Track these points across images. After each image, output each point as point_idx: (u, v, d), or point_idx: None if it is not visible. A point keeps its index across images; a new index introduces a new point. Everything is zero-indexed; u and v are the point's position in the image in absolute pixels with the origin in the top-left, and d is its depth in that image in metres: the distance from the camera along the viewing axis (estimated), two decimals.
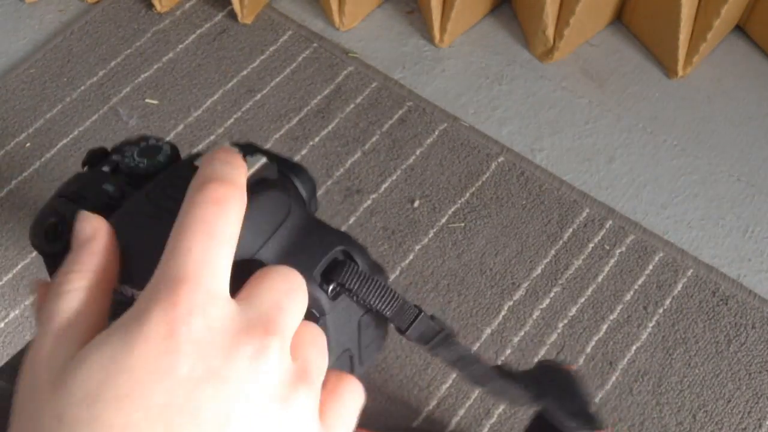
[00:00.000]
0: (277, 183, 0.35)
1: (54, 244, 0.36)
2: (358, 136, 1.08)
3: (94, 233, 0.30)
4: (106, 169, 0.39)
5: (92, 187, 0.38)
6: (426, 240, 0.99)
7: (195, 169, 0.32)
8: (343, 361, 0.38)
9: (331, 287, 0.35)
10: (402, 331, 0.40)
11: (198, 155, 0.35)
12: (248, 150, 0.35)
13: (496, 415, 0.88)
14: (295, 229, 0.35)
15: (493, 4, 1.19)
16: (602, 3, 1.12)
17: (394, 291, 0.37)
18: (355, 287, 0.35)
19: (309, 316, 0.33)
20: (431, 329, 0.42)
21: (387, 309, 0.37)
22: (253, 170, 0.34)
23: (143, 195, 0.34)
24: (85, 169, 0.41)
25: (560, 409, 0.51)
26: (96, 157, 0.41)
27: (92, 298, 0.29)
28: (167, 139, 1.08)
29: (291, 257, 0.34)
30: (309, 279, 0.33)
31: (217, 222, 0.28)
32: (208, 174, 0.30)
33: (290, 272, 0.30)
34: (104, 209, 0.35)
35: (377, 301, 0.36)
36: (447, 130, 1.08)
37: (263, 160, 0.35)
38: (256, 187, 0.33)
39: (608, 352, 0.92)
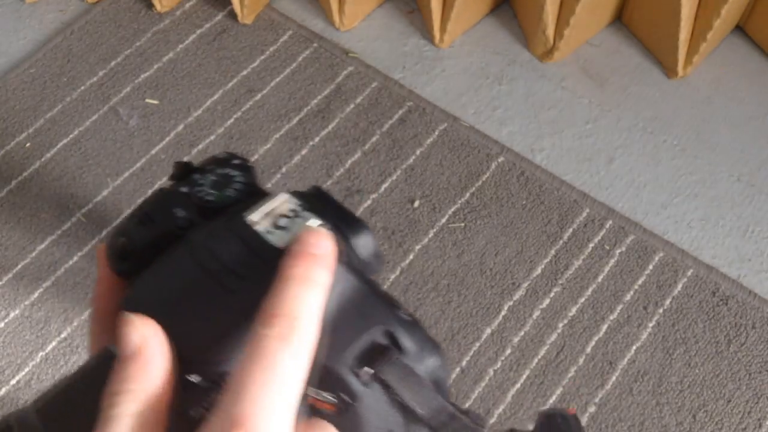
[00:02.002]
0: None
1: (123, 263, 0.36)
2: (358, 136, 1.08)
3: (142, 343, 0.28)
4: (184, 189, 0.38)
5: (164, 209, 0.37)
6: (426, 240, 0.99)
7: (244, 227, 0.31)
8: None
9: (364, 372, 0.32)
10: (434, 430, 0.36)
11: (263, 194, 0.34)
12: (305, 200, 0.34)
13: (496, 415, 0.88)
14: (337, 302, 0.32)
15: (493, 4, 1.19)
16: (602, 3, 1.12)
17: (434, 393, 0.33)
18: (391, 381, 0.32)
19: (341, 402, 0.32)
20: (466, 427, 0.39)
21: (422, 409, 0.33)
22: (293, 235, 0.32)
23: (188, 249, 0.33)
24: (169, 182, 0.40)
25: None
26: (179, 173, 0.39)
27: (143, 425, 0.26)
28: (167, 139, 1.08)
29: (324, 338, 0.32)
30: (340, 364, 0.31)
31: (283, 363, 0.27)
32: (279, 302, 0.28)
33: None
34: (170, 237, 0.35)
35: (412, 400, 0.33)
36: (447, 130, 1.08)
37: (312, 221, 0.33)
38: None
39: (608, 352, 0.92)
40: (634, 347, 0.92)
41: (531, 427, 0.82)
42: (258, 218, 0.33)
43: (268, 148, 1.07)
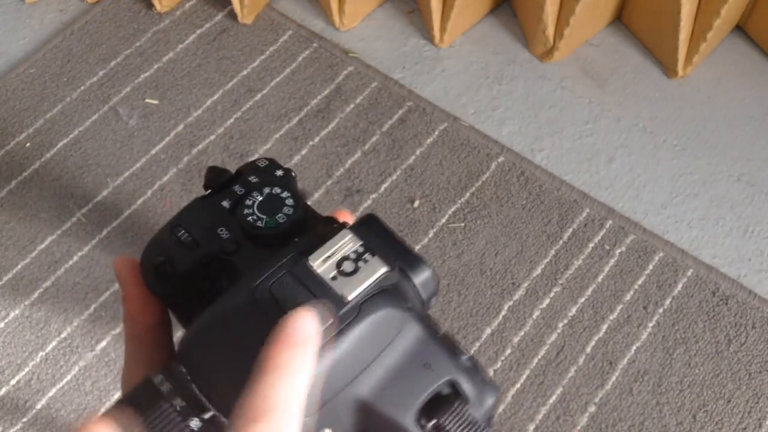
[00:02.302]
0: (393, 297, 0.32)
1: (162, 286, 0.35)
2: (358, 136, 1.08)
3: None
4: (225, 203, 0.36)
5: (207, 228, 0.35)
6: (426, 240, 0.99)
7: (309, 273, 0.31)
8: None
9: (429, 425, 0.32)
10: None
11: (322, 238, 0.32)
12: (367, 239, 0.33)
13: (496, 415, 0.88)
14: (402, 351, 0.32)
15: (493, 4, 1.19)
16: (602, 3, 1.12)
17: None
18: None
19: None
20: None
21: None
22: (369, 282, 0.31)
23: (249, 291, 0.31)
24: (206, 192, 0.38)
25: None
26: (219, 183, 0.38)
27: None
28: (167, 139, 1.08)
29: (389, 387, 0.31)
30: (405, 416, 0.31)
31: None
32: (261, 399, 0.28)
33: None
34: (215, 261, 0.33)
35: None
36: (447, 130, 1.08)
37: (379, 268, 0.32)
38: (368, 304, 0.31)
39: (608, 352, 0.92)
40: (634, 347, 0.92)
41: (531, 427, 0.83)
42: (320, 263, 0.32)
43: (268, 148, 1.07)
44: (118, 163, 1.06)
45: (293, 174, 0.38)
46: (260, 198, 0.36)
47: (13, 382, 0.92)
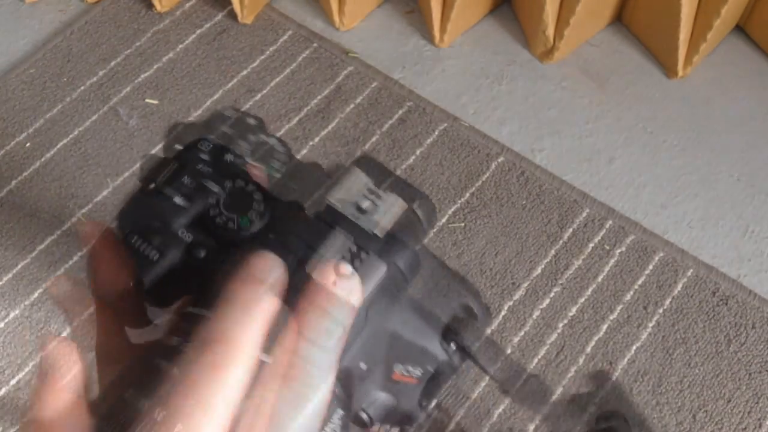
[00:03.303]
0: (410, 231, 0.34)
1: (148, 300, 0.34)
2: (358, 136, 1.08)
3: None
4: (178, 201, 0.32)
5: (167, 234, 0.31)
6: (426, 240, 0.99)
7: (339, 216, 0.31)
8: None
9: (450, 350, 0.35)
10: (505, 391, 0.41)
11: (286, 205, 0.33)
12: (372, 174, 0.34)
13: (496, 415, 0.88)
14: (421, 283, 0.35)
15: (493, 4, 1.19)
16: (602, 3, 1.12)
17: (510, 358, 0.38)
18: (474, 350, 0.35)
19: (425, 374, 0.34)
20: (535, 391, 0.43)
21: (499, 373, 0.38)
22: (390, 218, 0.33)
23: (279, 244, 0.31)
24: (149, 186, 0.34)
25: None
26: (162, 175, 0.33)
27: None
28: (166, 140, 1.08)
29: (415, 319, 0.34)
30: (432, 341, 0.34)
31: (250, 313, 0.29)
32: (242, 277, 0.29)
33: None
34: (185, 269, 0.31)
35: (489, 367, 0.36)
36: (447, 130, 1.08)
37: (394, 201, 0.33)
38: (394, 243, 0.33)
39: (608, 352, 0.92)
40: (634, 347, 0.92)
41: (531, 426, 0.83)
42: (340, 203, 0.32)
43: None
44: (118, 163, 1.06)
45: (249, 120, 0.36)
46: (223, 195, 0.32)
47: (13, 382, 0.92)
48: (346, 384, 0.33)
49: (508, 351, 0.92)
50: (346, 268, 0.30)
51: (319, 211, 0.32)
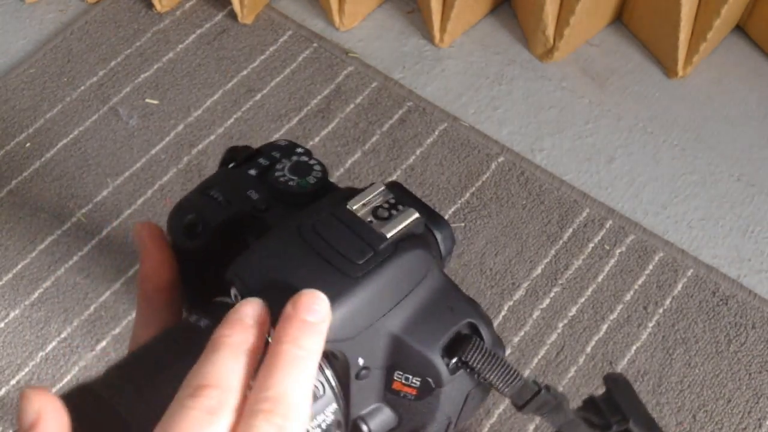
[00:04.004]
0: (422, 241, 0.35)
1: (192, 242, 0.36)
2: (358, 136, 1.08)
3: (38, 416, 0.28)
4: (252, 172, 0.39)
5: (237, 190, 0.37)
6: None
7: (349, 214, 0.33)
8: (440, 430, 0.37)
9: (452, 361, 0.35)
10: (519, 407, 0.39)
11: (353, 192, 0.35)
12: (397, 193, 0.36)
13: (496, 415, 0.88)
14: (429, 292, 0.35)
15: (493, 4, 1.19)
16: (602, 3, 1.12)
17: (516, 370, 0.37)
18: (479, 366, 0.35)
19: (425, 386, 0.34)
20: (547, 402, 0.40)
21: (507, 388, 0.36)
22: (403, 225, 0.34)
23: (295, 228, 0.34)
24: (229, 166, 0.40)
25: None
26: (242, 156, 0.40)
27: None
28: (167, 139, 1.08)
29: (417, 323, 0.34)
30: (433, 350, 0.34)
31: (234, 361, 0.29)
32: (272, 382, 0.29)
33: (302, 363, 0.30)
34: (246, 218, 0.36)
35: (499, 381, 0.36)
36: (447, 130, 1.08)
37: (411, 214, 0.35)
38: (403, 243, 0.34)
39: (608, 352, 0.92)
40: (634, 347, 0.92)
41: (531, 426, 0.83)
42: (359, 207, 0.35)
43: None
44: (118, 163, 1.06)
45: (313, 156, 0.40)
46: (289, 163, 0.38)
47: (13, 382, 0.92)
48: (343, 376, 0.33)
49: (508, 351, 0.92)
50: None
51: (338, 212, 0.35)
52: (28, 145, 1.08)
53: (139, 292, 0.37)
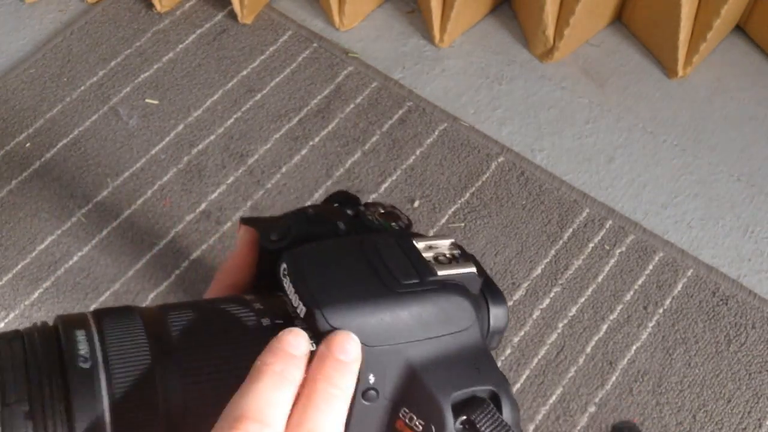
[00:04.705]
0: (471, 296, 0.35)
1: (275, 242, 0.39)
2: (358, 136, 1.08)
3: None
4: (349, 212, 0.41)
5: (330, 217, 0.40)
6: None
7: (411, 246, 0.35)
8: None
9: (460, 419, 0.34)
10: None
11: (423, 236, 0.37)
12: (464, 252, 0.36)
13: None
14: (462, 347, 0.35)
15: (493, 4, 1.19)
16: (602, 3, 1.12)
17: None
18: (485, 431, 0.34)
19: (426, 431, 0.33)
20: None
21: None
22: (457, 272, 0.35)
23: (358, 240, 0.36)
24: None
25: None
26: (344, 200, 0.43)
27: None
28: (167, 139, 1.08)
29: (437, 367, 0.34)
30: (445, 397, 0.33)
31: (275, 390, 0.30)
32: (306, 417, 0.30)
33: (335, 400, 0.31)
34: (327, 237, 0.38)
35: None
36: (447, 130, 1.08)
37: (470, 268, 0.35)
38: (451, 286, 0.34)
39: (608, 352, 0.92)
40: (634, 347, 0.92)
41: (531, 426, 0.83)
42: (423, 247, 0.36)
43: (268, 148, 1.07)
44: (118, 163, 1.06)
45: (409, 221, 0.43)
46: (381, 211, 0.41)
47: None
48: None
49: (508, 351, 0.92)
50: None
51: (402, 242, 0.36)
52: (28, 145, 1.08)
53: (215, 282, 0.39)
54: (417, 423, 0.34)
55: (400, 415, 0.35)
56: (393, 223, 0.41)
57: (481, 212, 1.01)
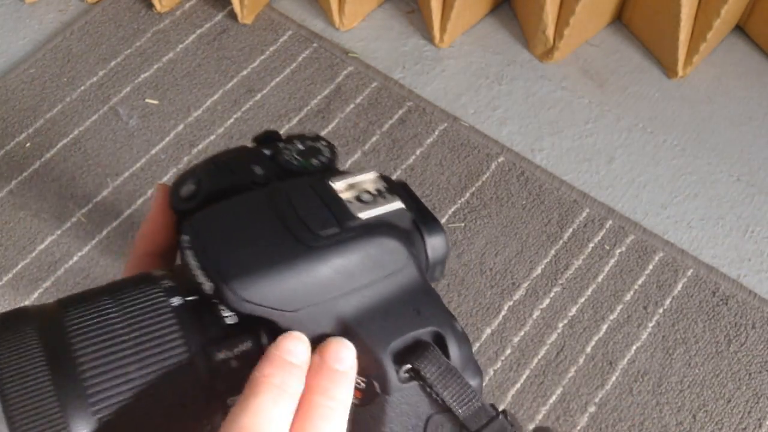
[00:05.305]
0: (402, 234, 0.32)
1: (186, 203, 0.36)
2: (358, 136, 1.08)
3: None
4: (267, 151, 0.38)
5: (243, 163, 0.37)
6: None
7: (328, 189, 0.31)
8: None
9: (403, 369, 0.31)
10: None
11: (343, 173, 0.34)
12: (391, 184, 0.33)
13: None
14: (397, 290, 0.32)
15: (493, 4, 1.19)
16: (602, 3, 1.12)
17: (474, 390, 0.32)
18: (431, 377, 0.31)
19: (369, 389, 0.31)
20: (504, 430, 0.34)
21: (461, 409, 0.32)
22: (382, 211, 0.32)
23: (267, 192, 0.33)
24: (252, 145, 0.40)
25: None
26: (266, 138, 0.39)
27: None
28: (167, 139, 1.08)
29: (372, 317, 0.31)
30: (383, 348, 0.31)
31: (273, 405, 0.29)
32: (271, 358, 0.30)
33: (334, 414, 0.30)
34: (242, 189, 0.35)
35: (452, 399, 0.31)
36: (447, 130, 1.08)
37: (396, 203, 0.32)
38: (376, 228, 0.31)
39: (608, 352, 0.92)
40: (634, 347, 0.92)
41: (531, 427, 0.83)
42: (342, 187, 0.33)
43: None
44: (118, 163, 1.06)
45: (335, 147, 0.39)
46: (300, 146, 0.37)
47: None
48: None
49: (508, 351, 0.92)
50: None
51: (317, 185, 0.33)
52: (28, 145, 1.08)
53: (134, 248, 0.37)
54: (359, 381, 0.31)
55: None
56: (313, 160, 0.37)
57: (481, 212, 1.01)
